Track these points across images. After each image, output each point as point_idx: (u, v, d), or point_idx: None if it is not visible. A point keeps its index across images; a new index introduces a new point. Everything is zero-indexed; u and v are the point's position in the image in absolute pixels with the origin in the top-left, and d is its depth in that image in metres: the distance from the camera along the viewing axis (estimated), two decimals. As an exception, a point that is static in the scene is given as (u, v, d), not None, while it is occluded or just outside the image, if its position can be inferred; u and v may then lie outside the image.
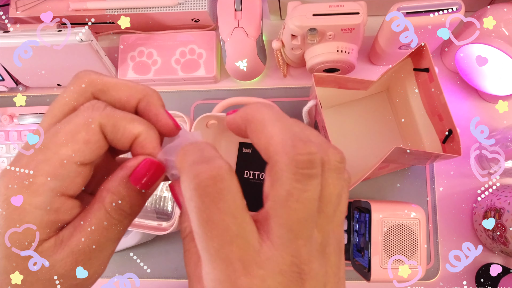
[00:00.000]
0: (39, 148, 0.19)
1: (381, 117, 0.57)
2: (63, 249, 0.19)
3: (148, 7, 0.58)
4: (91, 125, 0.19)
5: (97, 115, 0.19)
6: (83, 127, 0.19)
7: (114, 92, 0.21)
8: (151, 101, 0.21)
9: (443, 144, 0.48)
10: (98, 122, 0.19)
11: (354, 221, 0.51)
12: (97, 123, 0.19)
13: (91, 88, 0.20)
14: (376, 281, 0.44)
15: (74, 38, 0.51)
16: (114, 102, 0.21)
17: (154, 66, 0.60)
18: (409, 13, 0.46)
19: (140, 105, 0.21)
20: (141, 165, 0.20)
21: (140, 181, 0.20)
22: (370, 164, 0.47)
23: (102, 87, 0.21)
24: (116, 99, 0.21)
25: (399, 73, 0.52)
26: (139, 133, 0.20)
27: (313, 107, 0.48)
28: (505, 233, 0.46)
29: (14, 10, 0.59)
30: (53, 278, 0.19)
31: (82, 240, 0.19)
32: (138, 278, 0.59)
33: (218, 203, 0.16)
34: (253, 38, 0.53)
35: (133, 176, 0.20)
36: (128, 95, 0.21)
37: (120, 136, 0.20)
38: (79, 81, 0.20)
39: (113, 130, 0.20)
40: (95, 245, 0.19)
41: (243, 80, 0.60)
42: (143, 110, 0.21)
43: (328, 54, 0.51)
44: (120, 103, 0.21)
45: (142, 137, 0.20)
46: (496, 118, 0.57)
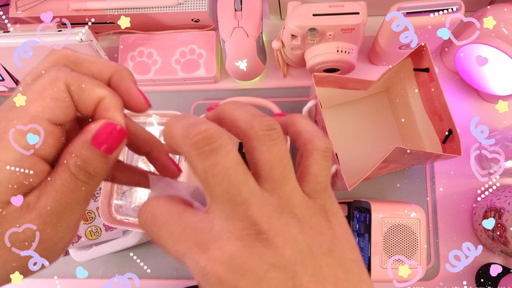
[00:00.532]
0: (8, 107, 0.19)
1: (381, 117, 0.57)
2: (30, 212, 0.19)
3: (148, 7, 0.58)
4: (57, 83, 0.19)
5: (63, 75, 0.20)
6: (50, 84, 0.19)
7: (87, 65, 0.21)
8: (123, 76, 0.22)
9: (443, 144, 0.48)
10: (64, 80, 0.20)
11: (354, 221, 0.51)
12: (63, 81, 0.20)
13: (64, 60, 0.21)
14: (376, 281, 0.44)
15: (74, 38, 0.51)
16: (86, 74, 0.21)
17: (154, 66, 0.60)
18: (409, 13, 0.46)
19: (112, 80, 0.22)
20: (102, 128, 0.20)
21: (102, 144, 0.20)
22: (370, 164, 0.47)
23: (75, 60, 0.21)
24: (88, 72, 0.21)
25: (399, 73, 0.52)
26: (103, 96, 0.20)
27: (313, 107, 0.48)
28: (505, 233, 0.46)
29: (14, 10, 0.59)
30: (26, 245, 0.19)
31: (49, 202, 0.19)
32: (138, 278, 0.59)
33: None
34: (253, 38, 0.53)
35: (95, 139, 0.20)
36: (99, 69, 0.21)
37: (85, 97, 0.20)
38: (53, 54, 0.21)
39: (78, 90, 0.20)
40: (62, 207, 0.20)
41: (243, 80, 0.60)
42: (114, 85, 0.22)
43: (328, 54, 0.51)
44: (92, 76, 0.21)
45: (106, 100, 0.20)
46: (496, 118, 0.57)
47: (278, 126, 0.20)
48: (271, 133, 0.19)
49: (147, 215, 0.20)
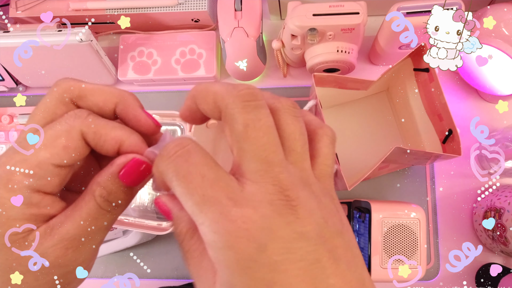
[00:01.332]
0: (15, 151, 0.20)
1: (381, 117, 0.57)
2: (53, 236, 0.20)
3: (148, 7, 0.58)
4: (72, 132, 0.20)
5: (79, 123, 0.21)
6: (64, 133, 0.20)
7: (91, 97, 0.22)
8: (128, 103, 0.22)
9: (443, 144, 0.48)
10: (79, 129, 0.20)
11: (354, 221, 0.51)
12: (78, 130, 0.20)
13: (69, 94, 0.21)
14: (376, 281, 0.44)
15: (74, 38, 0.51)
16: (92, 107, 0.22)
17: (154, 66, 0.60)
18: (409, 13, 0.46)
19: (118, 108, 0.22)
20: (130, 163, 0.21)
21: (129, 179, 0.21)
22: (370, 164, 0.47)
23: (79, 93, 0.22)
24: (94, 104, 0.22)
25: (399, 73, 0.52)
26: (122, 139, 0.21)
27: (313, 107, 0.48)
28: (505, 233, 0.46)
29: (14, 10, 0.59)
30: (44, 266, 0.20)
31: (72, 228, 0.20)
32: (138, 278, 0.59)
33: (189, 159, 0.18)
34: (253, 38, 0.53)
35: (123, 174, 0.21)
36: (104, 100, 0.22)
37: (102, 143, 0.21)
38: (58, 89, 0.21)
39: (94, 137, 0.21)
40: (84, 233, 0.21)
41: (243, 80, 0.60)
42: (121, 113, 0.22)
43: (328, 54, 0.51)
44: (98, 108, 0.22)
45: (127, 143, 0.21)
46: (496, 118, 0.57)
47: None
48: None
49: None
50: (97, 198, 0.21)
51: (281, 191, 0.18)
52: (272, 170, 0.18)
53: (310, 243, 0.17)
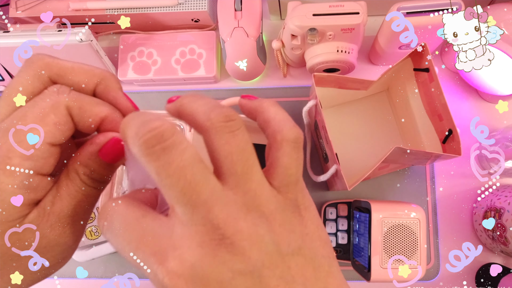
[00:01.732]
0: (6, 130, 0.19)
1: (381, 117, 0.57)
2: (49, 217, 0.20)
3: (148, 7, 0.58)
4: (59, 107, 0.20)
5: (63, 98, 0.20)
6: (51, 109, 0.19)
7: (71, 76, 0.21)
8: (109, 84, 0.22)
9: (443, 144, 0.48)
10: (65, 104, 0.20)
11: (354, 221, 0.51)
12: (64, 105, 0.20)
13: (48, 72, 0.21)
14: (376, 281, 0.44)
15: (74, 38, 0.51)
16: (71, 85, 0.21)
17: (154, 66, 0.60)
18: (409, 13, 0.46)
19: (98, 88, 0.22)
20: (110, 142, 0.21)
21: (109, 156, 0.21)
22: (370, 164, 0.47)
23: (58, 71, 0.21)
24: (74, 83, 0.21)
25: (399, 73, 0.52)
26: (106, 116, 0.21)
27: (313, 107, 0.48)
28: (505, 233, 0.46)
29: (14, 10, 0.59)
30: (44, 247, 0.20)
31: (65, 207, 0.20)
32: (138, 278, 0.59)
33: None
34: (253, 38, 0.53)
35: (102, 152, 0.21)
36: (85, 79, 0.21)
37: (87, 118, 0.20)
38: (34, 66, 0.20)
39: (79, 112, 0.20)
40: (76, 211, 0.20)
41: (243, 80, 0.60)
42: (101, 93, 0.22)
43: (328, 54, 0.51)
44: (78, 87, 0.21)
45: (109, 119, 0.21)
46: (496, 118, 0.57)
47: (237, 116, 0.18)
48: (230, 124, 0.18)
49: (104, 222, 0.19)
50: (81, 176, 0.20)
51: (212, 230, 0.16)
52: (199, 210, 0.16)
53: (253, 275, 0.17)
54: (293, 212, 0.19)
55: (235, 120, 0.18)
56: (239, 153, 0.18)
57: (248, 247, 0.17)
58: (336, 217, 0.55)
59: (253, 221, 0.17)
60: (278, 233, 0.18)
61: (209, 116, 0.18)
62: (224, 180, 0.18)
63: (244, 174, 0.18)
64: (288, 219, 0.19)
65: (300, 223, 0.19)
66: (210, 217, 0.17)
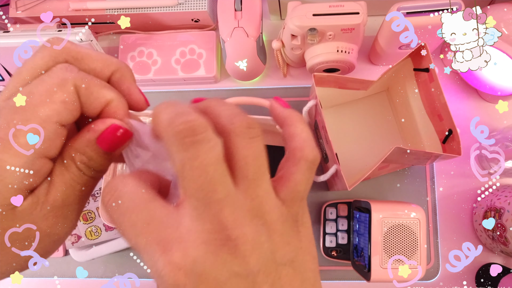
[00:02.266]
0: (14, 109, 0.18)
1: (381, 117, 0.57)
2: (43, 206, 0.19)
3: (148, 7, 0.58)
4: (67, 85, 0.19)
5: (71, 76, 0.19)
6: (59, 87, 0.19)
7: (89, 61, 0.21)
8: (125, 75, 0.22)
9: (443, 144, 0.48)
10: (73, 83, 0.19)
11: (354, 221, 0.51)
12: (71, 83, 0.19)
13: (65, 54, 0.20)
14: (376, 281, 0.44)
15: (74, 38, 0.51)
16: (87, 71, 0.21)
17: (154, 66, 0.60)
18: (409, 13, 0.46)
19: (113, 77, 0.21)
20: (108, 129, 0.20)
21: (107, 144, 0.20)
22: (370, 164, 0.47)
23: (76, 55, 0.21)
24: (90, 69, 0.21)
25: (399, 73, 0.52)
26: (111, 99, 0.20)
27: (313, 107, 0.48)
28: (505, 233, 0.46)
29: (14, 10, 0.59)
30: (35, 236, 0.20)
31: (60, 196, 0.20)
32: (138, 278, 0.59)
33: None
34: (253, 38, 0.53)
35: (100, 139, 0.20)
36: (102, 66, 0.21)
37: (93, 99, 0.20)
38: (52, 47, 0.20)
39: (86, 92, 0.20)
40: (70, 200, 0.20)
41: (243, 80, 0.60)
42: (115, 82, 0.22)
43: (328, 54, 0.51)
44: (94, 73, 0.21)
45: (114, 103, 0.20)
46: (496, 118, 0.57)
47: (258, 125, 0.19)
48: (250, 131, 0.18)
49: (110, 198, 0.18)
50: (78, 164, 0.20)
51: (219, 230, 0.17)
52: (211, 208, 0.17)
53: (248, 279, 0.17)
54: (292, 225, 0.20)
55: (255, 129, 0.19)
56: (254, 158, 0.18)
57: (249, 252, 0.17)
58: (336, 217, 0.55)
59: (256, 228, 0.18)
60: (276, 242, 0.18)
61: (233, 120, 0.19)
62: (236, 181, 0.18)
63: (254, 180, 0.18)
64: (287, 231, 0.19)
65: (296, 237, 0.20)
66: (221, 216, 0.17)
